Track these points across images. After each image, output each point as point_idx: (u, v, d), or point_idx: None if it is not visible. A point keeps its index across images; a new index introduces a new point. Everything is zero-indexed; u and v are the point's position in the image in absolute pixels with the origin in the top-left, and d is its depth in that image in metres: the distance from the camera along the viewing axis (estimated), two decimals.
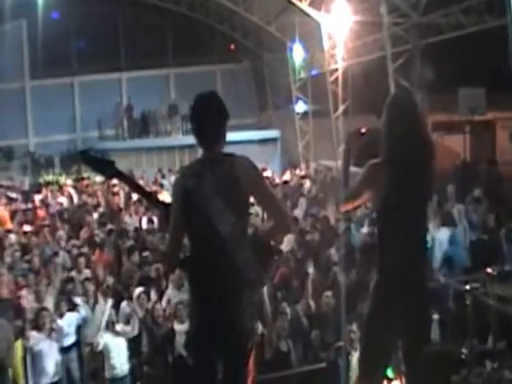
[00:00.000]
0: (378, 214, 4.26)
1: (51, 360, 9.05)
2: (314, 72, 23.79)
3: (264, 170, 22.35)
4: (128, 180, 4.22)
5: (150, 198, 4.22)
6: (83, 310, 9.87)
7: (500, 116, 20.94)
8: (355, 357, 7.61)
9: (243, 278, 3.86)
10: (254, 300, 4.17)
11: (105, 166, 4.07)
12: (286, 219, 4.07)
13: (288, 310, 9.28)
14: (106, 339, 9.12)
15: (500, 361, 4.16)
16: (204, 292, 3.92)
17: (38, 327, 9.12)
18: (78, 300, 9.98)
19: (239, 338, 3.89)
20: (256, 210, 9.80)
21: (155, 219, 13.36)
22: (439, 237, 11.39)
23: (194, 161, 4.15)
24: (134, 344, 9.44)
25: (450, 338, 7.26)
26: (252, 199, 4.03)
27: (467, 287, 3.86)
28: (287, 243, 12.63)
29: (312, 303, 9.74)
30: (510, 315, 5.75)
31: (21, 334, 9.38)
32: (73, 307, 9.84)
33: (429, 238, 10.38)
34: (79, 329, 9.87)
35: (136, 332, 9.40)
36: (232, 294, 3.86)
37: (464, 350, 4.17)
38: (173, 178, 15.46)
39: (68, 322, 9.65)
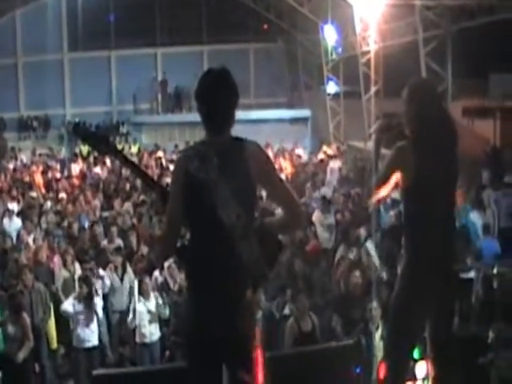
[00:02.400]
0: (405, 195, 4.27)
1: (86, 327, 9.13)
2: (338, 49, 23.83)
3: (295, 148, 22.72)
4: (123, 158, 3.88)
5: (145, 178, 3.90)
6: (107, 280, 10.10)
7: None
8: (377, 334, 7.75)
9: (247, 274, 3.53)
10: (257, 297, 4.04)
11: (99, 141, 3.81)
12: (299, 214, 3.78)
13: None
14: (138, 309, 9.29)
15: None
16: (203, 286, 3.54)
17: (74, 294, 9.31)
18: (102, 272, 10.18)
19: (242, 339, 3.56)
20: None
21: None
22: (473, 221, 11.59)
23: (198, 142, 3.70)
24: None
25: (477, 321, 7.22)
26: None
27: (494, 271, 3.92)
28: (316, 221, 13.01)
29: (341, 283, 9.72)
30: None
31: (55, 298, 9.79)
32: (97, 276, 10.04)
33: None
34: (105, 296, 10.11)
35: (168, 314, 9.51)
36: (234, 289, 3.51)
37: (491, 334, 4.24)
38: None
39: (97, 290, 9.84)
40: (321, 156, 21.76)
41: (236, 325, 3.51)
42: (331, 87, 25.50)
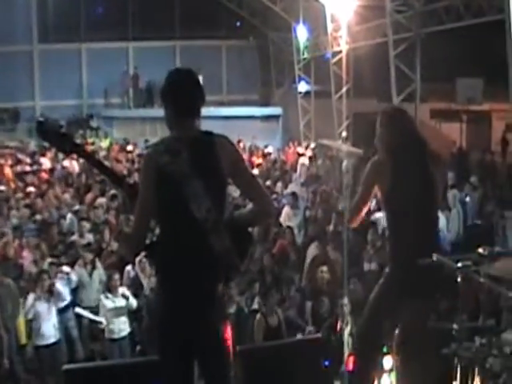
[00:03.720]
0: (384, 207, 4.50)
1: (49, 322, 9.10)
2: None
3: (266, 146, 22.85)
4: (88, 156, 3.86)
5: (111, 176, 3.83)
6: (74, 276, 10.03)
7: (496, 107, 21.26)
8: (346, 330, 8.04)
9: (218, 267, 3.58)
10: (229, 289, 4.07)
11: (63, 140, 3.69)
12: (268, 205, 3.84)
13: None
14: (106, 305, 9.31)
15: (488, 337, 4.37)
16: (174, 280, 3.56)
17: (36, 289, 9.18)
18: (67, 268, 10.06)
19: (214, 333, 3.61)
20: None
21: None
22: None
23: (167, 137, 3.73)
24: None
25: (442, 314, 7.43)
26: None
27: (459, 265, 4.09)
28: (285, 217, 13.14)
29: (309, 279, 9.83)
30: (498, 293, 5.77)
31: (23, 293, 9.55)
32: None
33: None
34: (73, 291, 10.07)
35: (135, 307, 9.53)
36: (205, 283, 3.56)
37: (455, 326, 4.36)
38: None
39: (62, 285, 9.76)
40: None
41: (208, 318, 3.56)
42: (302, 86, 25.69)
